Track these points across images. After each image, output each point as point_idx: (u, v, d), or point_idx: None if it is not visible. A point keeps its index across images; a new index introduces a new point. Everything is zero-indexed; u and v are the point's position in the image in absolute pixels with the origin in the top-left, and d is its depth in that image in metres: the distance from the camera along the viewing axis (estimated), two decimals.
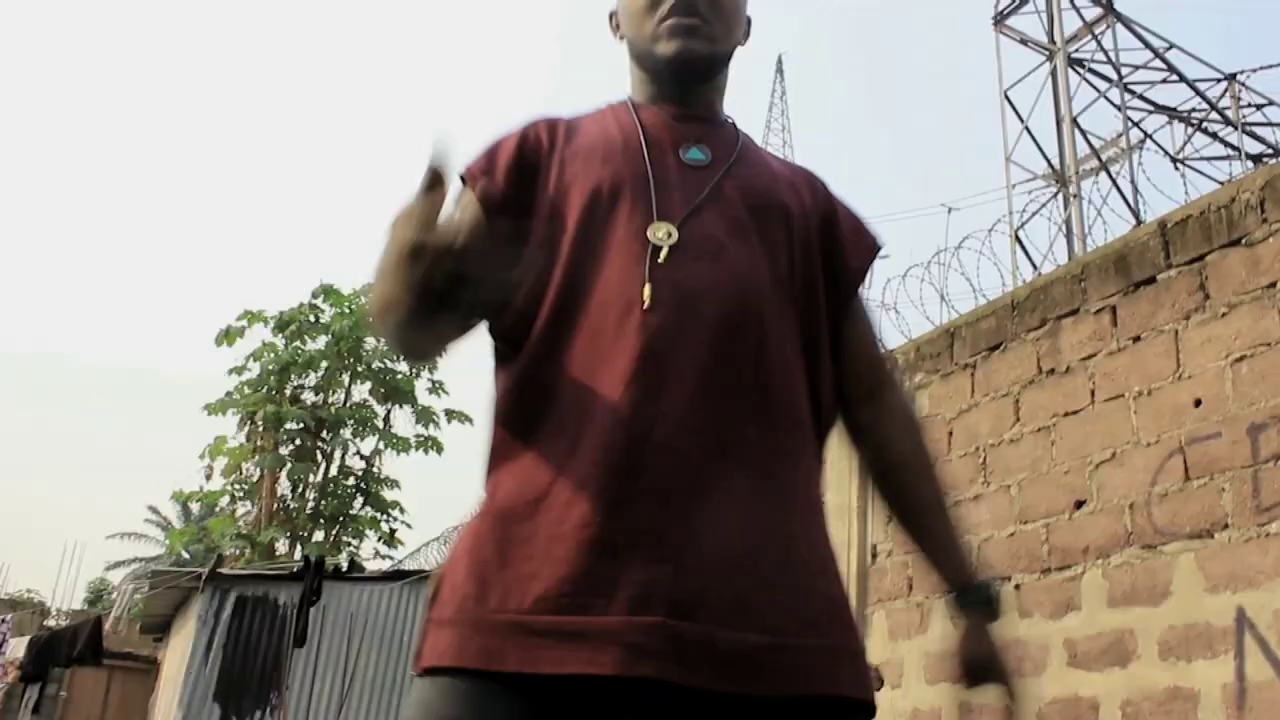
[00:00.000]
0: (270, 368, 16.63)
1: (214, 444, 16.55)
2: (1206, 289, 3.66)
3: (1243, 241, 3.56)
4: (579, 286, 1.28)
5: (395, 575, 10.97)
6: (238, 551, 16.11)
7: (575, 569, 1.14)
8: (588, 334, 1.25)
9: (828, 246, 1.45)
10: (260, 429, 16.44)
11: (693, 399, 1.21)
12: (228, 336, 16.69)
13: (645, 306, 1.23)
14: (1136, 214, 12.09)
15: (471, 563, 1.20)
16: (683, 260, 1.28)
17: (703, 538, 1.17)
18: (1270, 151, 15.53)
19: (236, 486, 16.92)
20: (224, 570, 10.33)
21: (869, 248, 1.52)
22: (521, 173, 1.37)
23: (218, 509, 17.49)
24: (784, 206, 1.41)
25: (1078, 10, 15.56)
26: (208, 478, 17.02)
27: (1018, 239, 11.45)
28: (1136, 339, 3.88)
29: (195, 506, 21.71)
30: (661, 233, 1.29)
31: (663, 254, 1.27)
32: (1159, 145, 15.36)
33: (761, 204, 1.39)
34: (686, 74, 1.46)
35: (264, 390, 16.60)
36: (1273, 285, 3.43)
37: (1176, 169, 14.28)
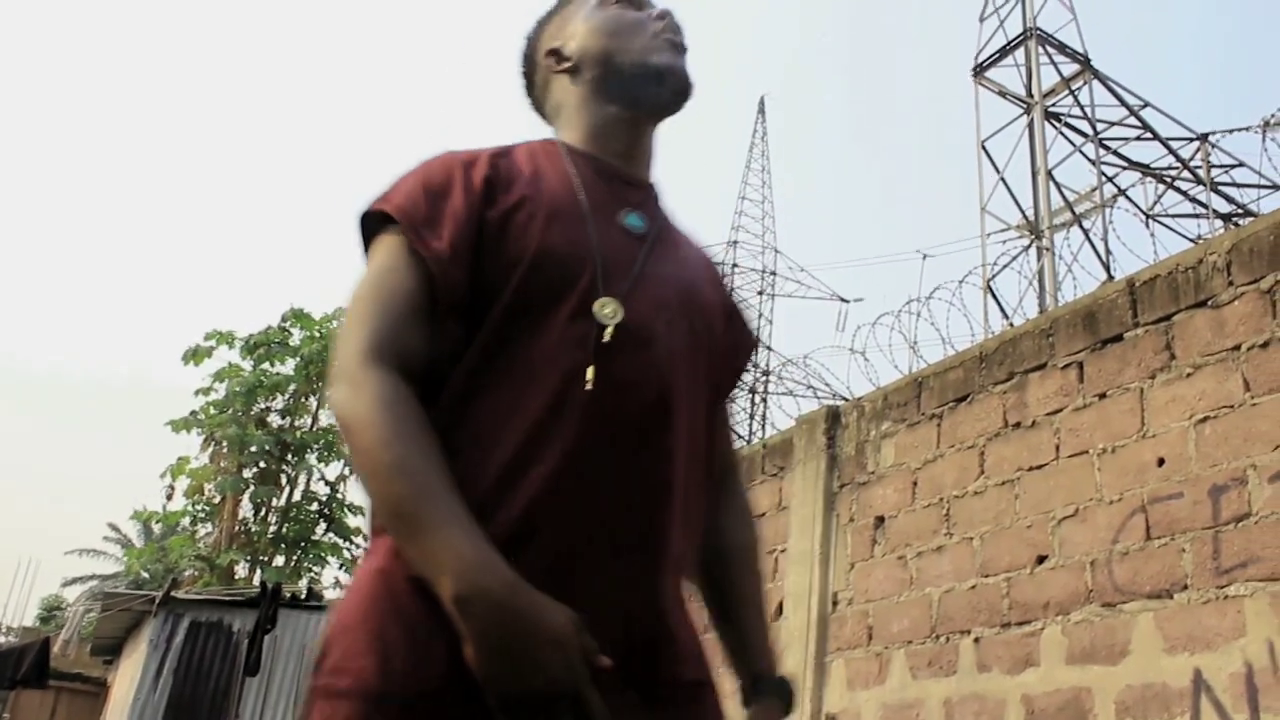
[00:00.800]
0: (236, 389, 16.49)
1: (176, 464, 16.37)
2: (1172, 349, 3.67)
3: (1209, 303, 3.58)
4: (514, 358, 1.20)
5: None
6: (196, 573, 15.89)
7: None
8: (515, 407, 1.18)
9: (725, 342, 1.43)
10: (224, 450, 16.27)
11: (618, 495, 1.18)
12: (195, 356, 16.54)
13: (587, 388, 1.18)
14: (1108, 268, 12.22)
15: (370, 631, 1.12)
16: (625, 342, 1.22)
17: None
18: (1239, 211, 15.75)
19: (198, 508, 16.73)
20: (178, 594, 10.15)
21: (751, 346, 1.53)
22: (467, 242, 1.25)
23: (179, 528, 17.28)
24: (704, 295, 1.38)
25: (1056, 66, 15.80)
26: (169, 497, 16.83)
27: (989, 289, 11.52)
28: (1102, 395, 3.88)
29: (157, 526, 21.44)
30: (608, 310, 1.22)
31: (608, 333, 1.21)
32: (1131, 201, 15.56)
33: (687, 289, 1.35)
34: (675, 90, 1.42)
35: (229, 412, 16.45)
36: (1237, 348, 3.45)
37: (1148, 225, 14.45)
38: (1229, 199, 15.58)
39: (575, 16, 1.47)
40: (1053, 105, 15.57)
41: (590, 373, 1.18)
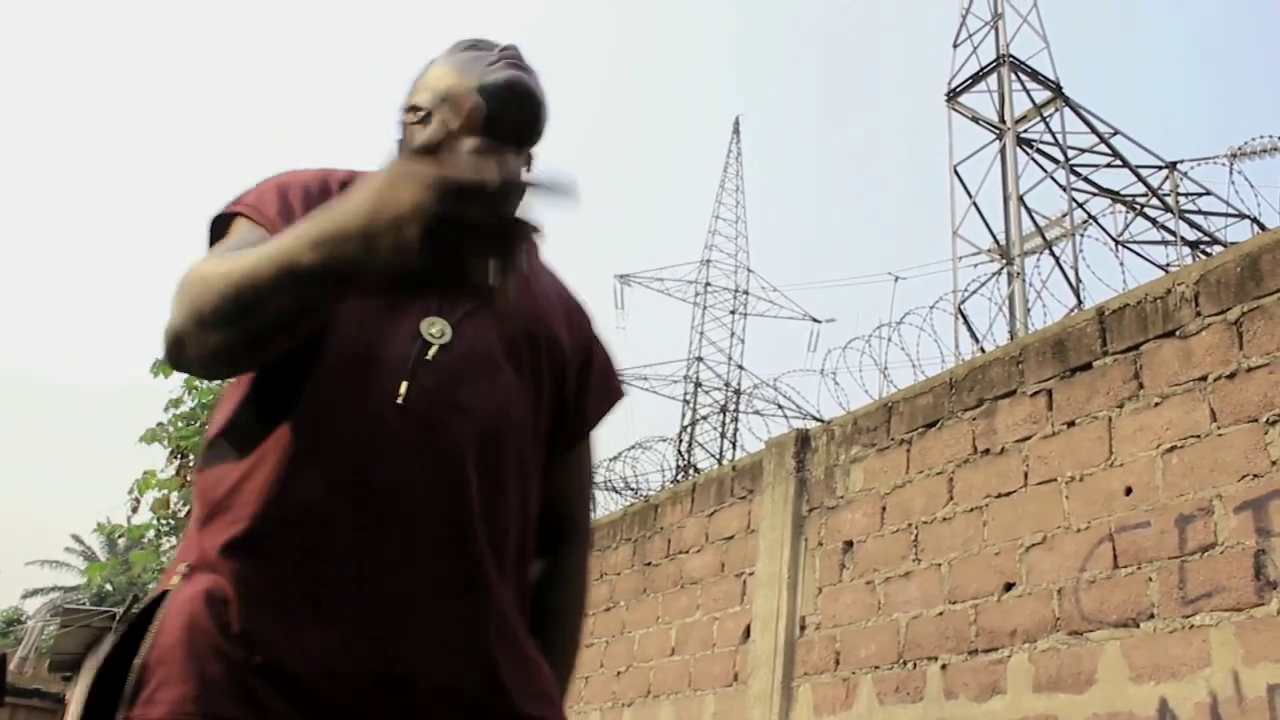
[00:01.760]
0: (204, 401, 16.31)
1: (143, 478, 16.15)
2: (1141, 378, 3.68)
3: (1177, 333, 3.60)
4: (338, 367, 1.18)
5: None
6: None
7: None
8: (329, 421, 1.16)
9: (577, 389, 1.41)
10: (191, 464, 16.09)
11: (415, 525, 1.16)
12: (164, 367, 16.35)
13: (399, 402, 1.16)
14: (1077, 294, 12.32)
15: (185, 658, 1.08)
16: (450, 368, 1.21)
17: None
18: (1206, 239, 15.93)
19: (163, 521, 16.51)
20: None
21: (612, 397, 1.50)
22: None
23: (143, 541, 17.05)
24: (555, 337, 1.36)
25: (1028, 92, 15.95)
26: (134, 510, 16.59)
27: (961, 313, 11.59)
28: (1071, 424, 3.89)
29: (120, 540, 21.17)
30: (435, 329, 1.21)
31: (431, 352, 1.21)
32: (1101, 227, 15.71)
33: (535, 328, 1.33)
34: (519, 101, 1.38)
35: (197, 424, 16.26)
36: (1204, 378, 3.47)
37: (1117, 252, 14.59)
38: (1197, 227, 15.76)
39: (428, 74, 1.46)
40: (1025, 131, 15.72)
41: (403, 387, 1.16)
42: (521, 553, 1.28)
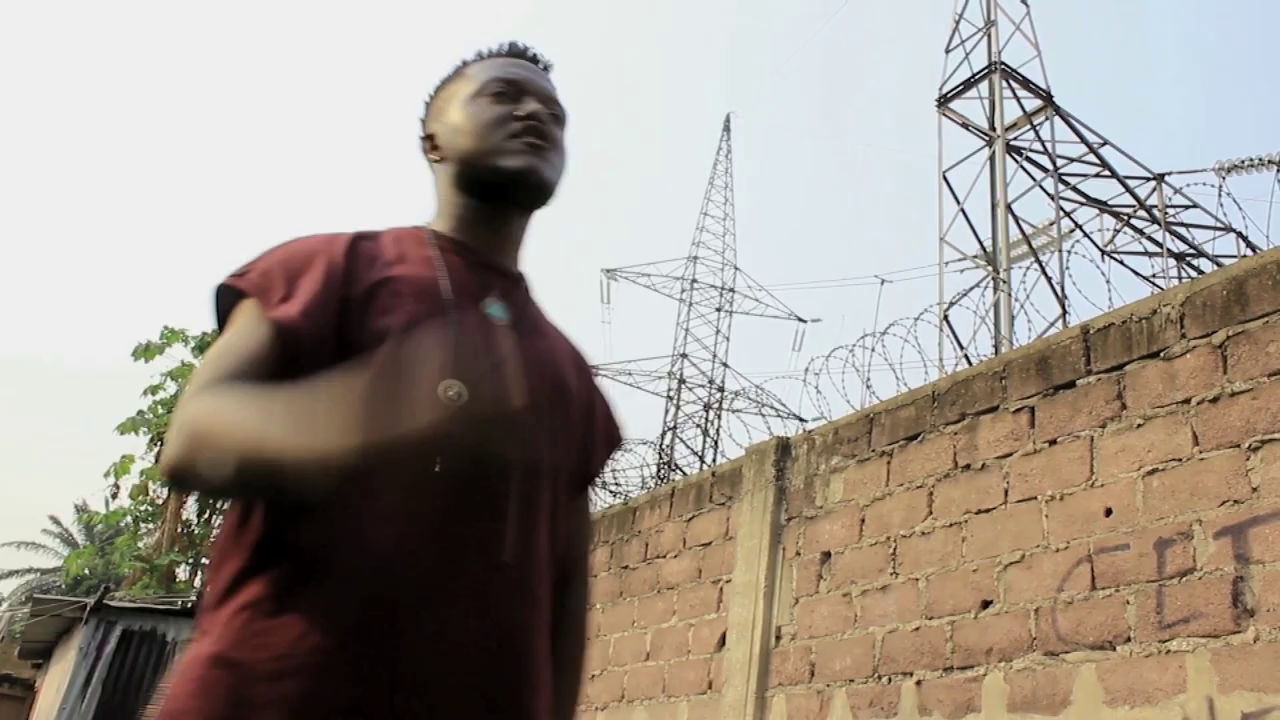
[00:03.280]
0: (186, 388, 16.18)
1: (120, 463, 16.04)
2: (1124, 398, 3.66)
3: (1161, 355, 3.58)
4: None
5: None
6: (135, 574, 15.57)
7: None
8: (365, 493, 1.15)
9: (583, 437, 1.44)
10: None
11: (477, 583, 1.18)
12: (146, 352, 16.22)
13: (436, 470, 1.17)
14: (1062, 303, 12.32)
15: None
16: (474, 425, 1.20)
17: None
18: (1192, 251, 15.97)
19: (142, 508, 16.39)
20: (111, 602, 9.91)
21: (614, 443, 1.54)
22: (324, 311, 1.24)
23: (122, 525, 16.94)
24: (567, 387, 1.39)
25: (1019, 100, 15.95)
26: (114, 496, 16.49)
27: (946, 319, 11.58)
28: (1053, 442, 3.87)
29: (99, 526, 21.05)
30: (452, 392, 1.19)
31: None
32: (1088, 236, 15.73)
33: (551, 380, 1.36)
34: (528, 194, 1.40)
35: None
36: (1187, 401, 3.44)
37: (1103, 260, 14.61)
38: (1183, 239, 15.79)
39: (451, 102, 1.46)
40: (1014, 139, 15.70)
41: (438, 464, 1.17)
42: (548, 603, 1.31)
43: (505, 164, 1.37)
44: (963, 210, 15.66)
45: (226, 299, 1.27)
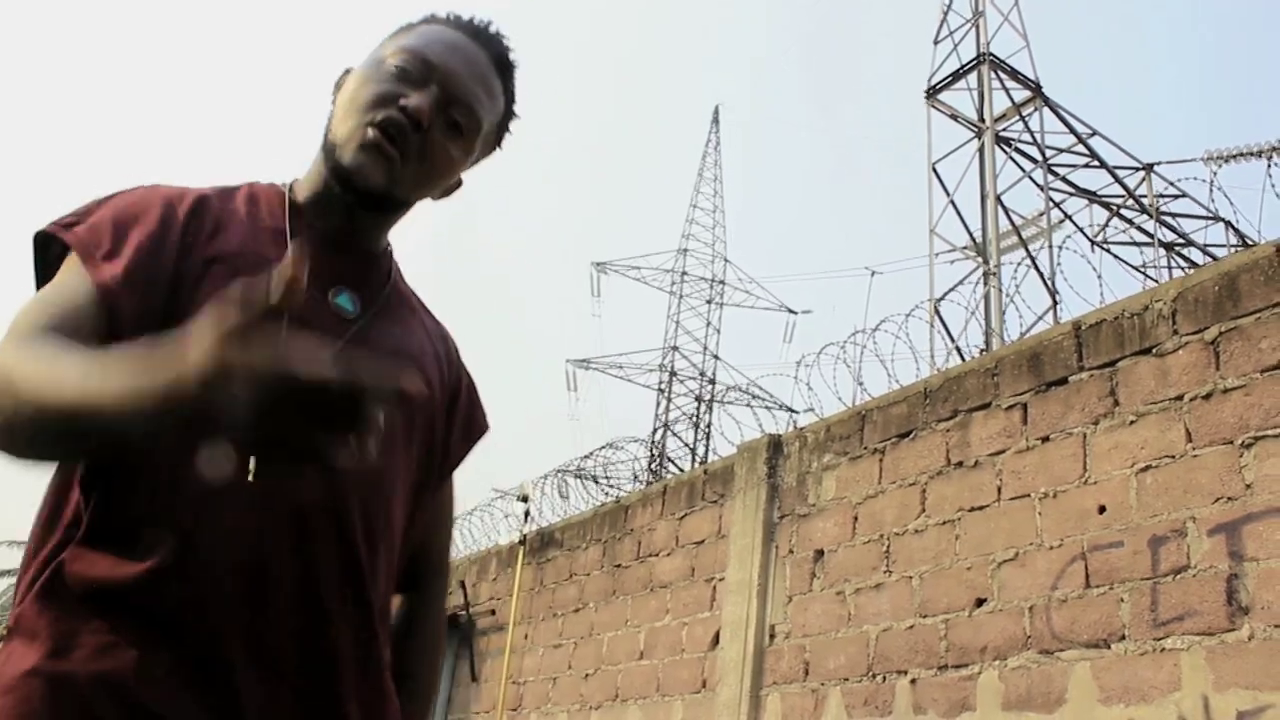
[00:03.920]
0: None
1: None
2: (1116, 395, 3.64)
3: (1154, 351, 3.56)
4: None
5: None
6: None
7: None
8: (172, 493, 1.05)
9: (444, 429, 1.33)
10: None
11: (273, 596, 1.08)
12: None
13: (249, 478, 1.03)
14: (1053, 295, 12.32)
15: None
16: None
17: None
18: (1181, 241, 15.99)
19: None
20: None
21: (476, 433, 1.42)
22: (150, 270, 1.11)
23: None
24: (427, 382, 1.27)
25: (1008, 91, 15.94)
26: None
27: (937, 312, 11.58)
28: (1045, 439, 3.85)
29: None
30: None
31: None
32: (1078, 226, 15.74)
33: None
34: (353, 194, 1.23)
35: None
36: (1180, 398, 3.43)
37: (1093, 250, 14.63)
38: (1173, 229, 15.81)
39: (365, 62, 1.30)
40: (1003, 130, 15.70)
41: (252, 463, 1.03)
42: (385, 606, 1.22)
43: (343, 155, 1.21)
44: (952, 202, 15.65)
45: (51, 248, 1.15)
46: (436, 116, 1.22)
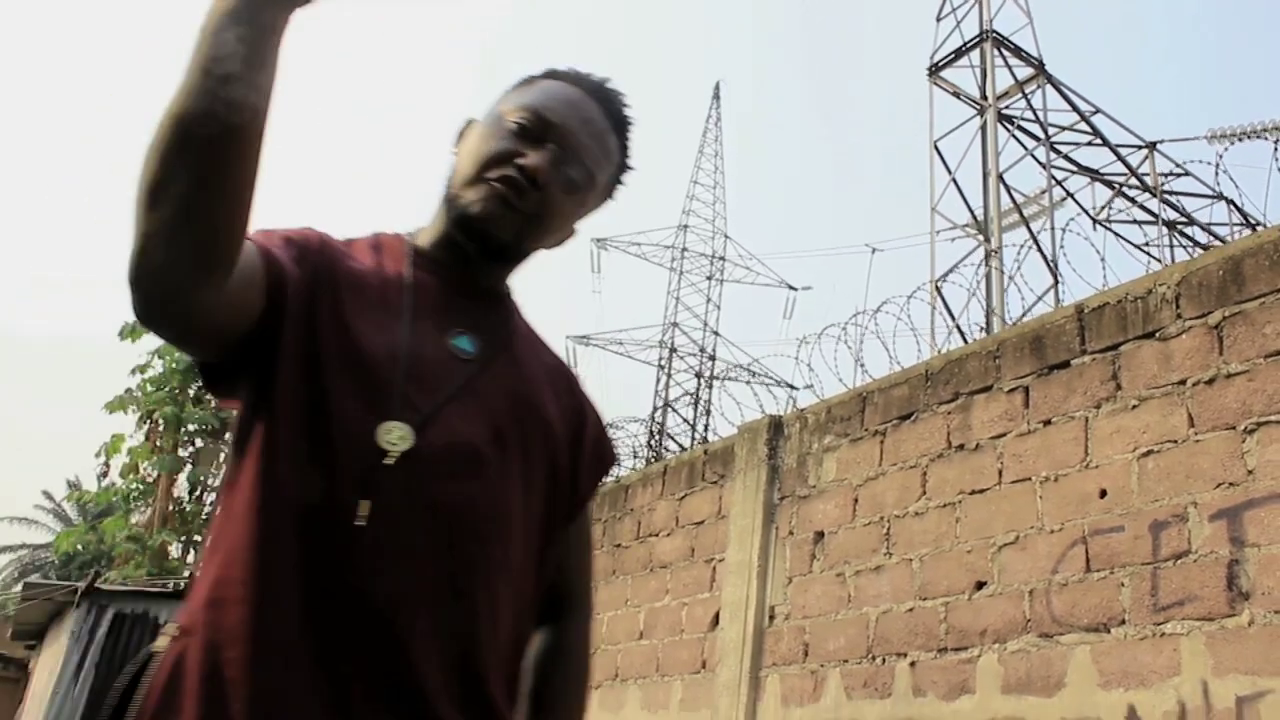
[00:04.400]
0: (174, 366, 16.12)
1: (111, 442, 16.01)
2: (1119, 379, 3.63)
3: (1157, 335, 3.54)
4: (291, 450, 1.11)
5: None
6: (127, 555, 15.55)
7: None
8: (288, 537, 1.08)
9: (570, 463, 1.34)
10: (160, 429, 15.93)
11: (404, 639, 1.09)
12: (133, 332, 16.14)
13: (358, 522, 1.08)
14: (1055, 273, 12.28)
15: (200, 680, 1.05)
16: (426, 467, 1.13)
17: None
18: (1184, 219, 15.94)
19: (133, 486, 16.37)
20: (102, 586, 9.85)
21: (604, 466, 1.43)
22: (298, 254, 1.18)
23: (113, 501, 16.91)
24: (546, 419, 1.29)
25: (1010, 69, 15.85)
26: (104, 475, 16.47)
27: (939, 291, 11.56)
28: (1047, 422, 3.84)
29: (91, 506, 20.98)
30: (394, 436, 1.12)
31: (388, 460, 1.11)
32: (1079, 204, 15.69)
33: (525, 412, 1.27)
34: (475, 242, 1.28)
35: (166, 389, 16.09)
36: (1183, 382, 3.41)
37: (1095, 230, 14.58)
38: (1175, 208, 15.76)
39: (486, 116, 1.35)
40: (1006, 108, 15.62)
41: (365, 507, 1.08)
42: (515, 642, 1.24)
43: (465, 207, 1.26)
44: (954, 179, 15.60)
45: None
46: (553, 174, 1.27)
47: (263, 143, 0.99)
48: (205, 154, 0.94)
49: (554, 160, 1.27)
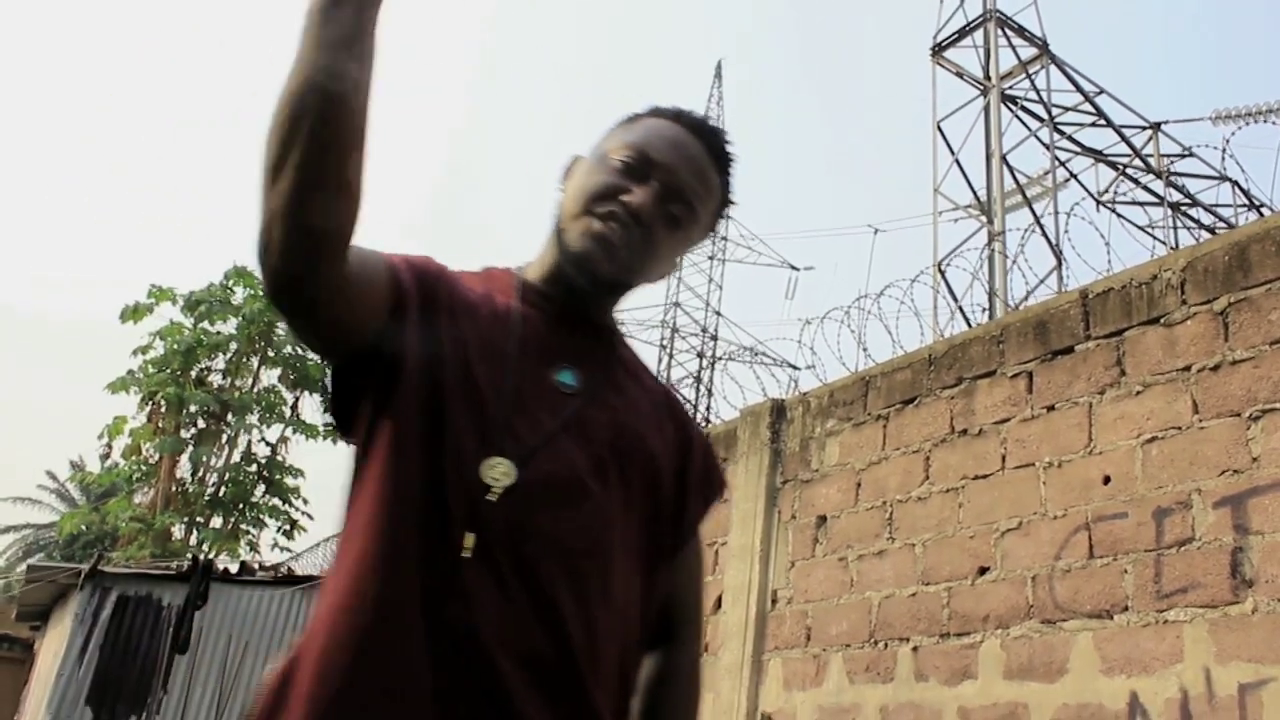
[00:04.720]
0: (176, 348, 16.12)
1: (113, 424, 16.02)
2: (1123, 365, 3.61)
3: (1161, 321, 3.53)
4: (399, 515, 1.14)
5: (286, 580, 10.58)
6: (130, 536, 15.59)
7: None
8: (397, 570, 1.12)
9: (676, 492, 1.36)
10: (162, 410, 15.94)
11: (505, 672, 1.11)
12: (134, 313, 16.13)
13: (464, 555, 1.12)
14: (1058, 255, 12.26)
15: (321, 674, 1.09)
16: (529, 501, 1.16)
17: None
18: (1188, 201, 15.88)
19: (136, 468, 16.39)
20: (106, 567, 9.88)
21: (713, 493, 1.45)
22: (418, 280, 1.23)
23: (116, 482, 16.95)
24: (648, 449, 1.31)
25: (1014, 49, 15.78)
26: (106, 456, 16.49)
27: (942, 272, 11.54)
28: (1051, 408, 3.83)
29: (94, 487, 21.03)
30: (498, 471, 1.16)
31: (493, 494, 1.15)
32: (1083, 185, 15.64)
33: (627, 443, 1.28)
34: (579, 275, 1.30)
35: (168, 371, 16.09)
36: (1188, 369, 3.40)
37: (1098, 211, 14.54)
38: (1180, 189, 15.70)
39: (593, 154, 1.38)
40: (1009, 88, 15.55)
41: (470, 540, 1.12)
42: (622, 673, 1.25)
43: (573, 240, 1.29)
44: (957, 160, 15.55)
45: None
46: (656, 210, 1.30)
47: (366, 115, 1.04)
48: (313, 123, 1.00)
49: (657, 197, 1.30)
